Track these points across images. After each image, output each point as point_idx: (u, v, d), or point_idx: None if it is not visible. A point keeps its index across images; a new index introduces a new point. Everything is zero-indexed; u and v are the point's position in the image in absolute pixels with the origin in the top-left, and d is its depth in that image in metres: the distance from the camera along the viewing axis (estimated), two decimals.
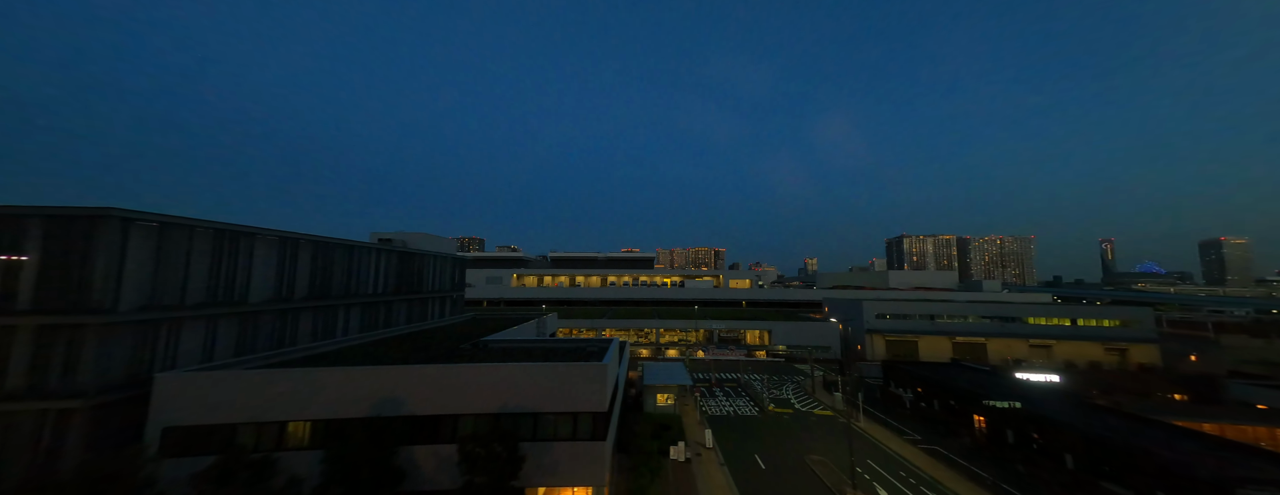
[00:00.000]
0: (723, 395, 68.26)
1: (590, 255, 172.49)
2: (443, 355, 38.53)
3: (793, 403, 64.26)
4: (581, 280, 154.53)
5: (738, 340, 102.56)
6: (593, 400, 31.99)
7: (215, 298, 30.36)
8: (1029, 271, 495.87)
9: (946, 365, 67.74)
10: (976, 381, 55.96)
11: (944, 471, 42.25)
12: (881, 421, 57.18)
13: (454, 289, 69.17)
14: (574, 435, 31.64)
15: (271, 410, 26.98)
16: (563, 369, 31.86)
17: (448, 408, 29.81)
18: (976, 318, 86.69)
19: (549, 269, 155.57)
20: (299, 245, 38.17)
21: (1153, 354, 76.63)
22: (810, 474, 41.66)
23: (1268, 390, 55.10)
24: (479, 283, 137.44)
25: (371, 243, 49.57)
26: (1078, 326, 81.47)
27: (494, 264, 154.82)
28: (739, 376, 77.86)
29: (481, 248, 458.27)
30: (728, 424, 55.84)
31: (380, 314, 50.50)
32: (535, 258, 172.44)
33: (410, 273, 57.26)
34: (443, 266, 65.44)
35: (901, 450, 47.66)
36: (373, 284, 49.12)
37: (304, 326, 38.96)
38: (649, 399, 58.58)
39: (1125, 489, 31.99)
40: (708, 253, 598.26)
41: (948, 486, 38.74)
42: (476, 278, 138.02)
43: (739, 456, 45.77)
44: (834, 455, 45.37)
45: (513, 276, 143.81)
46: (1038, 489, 37.78)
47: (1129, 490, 31.76)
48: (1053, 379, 61.33)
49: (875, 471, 42.29)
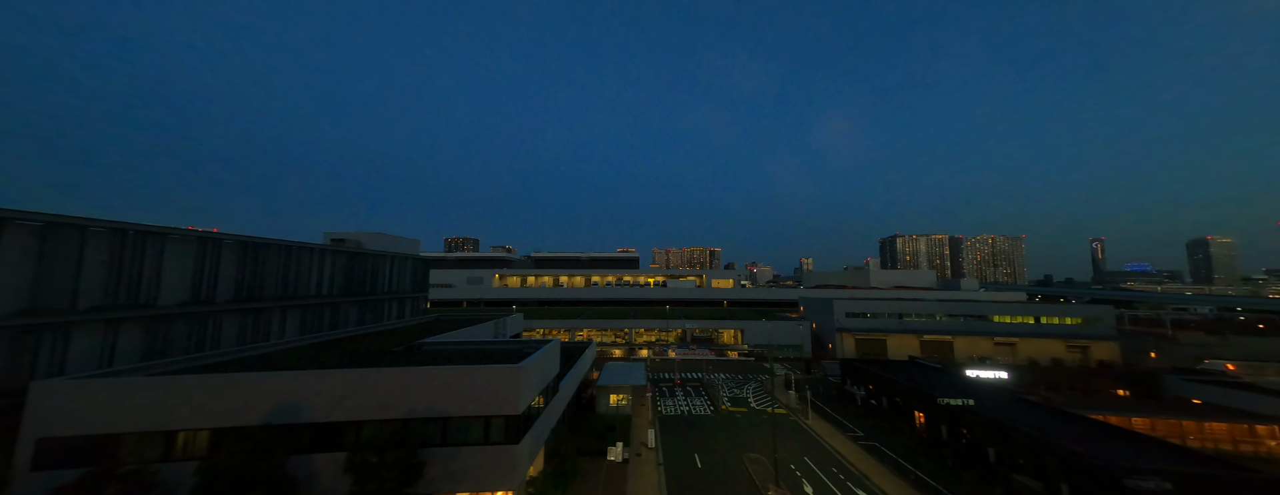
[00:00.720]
0: (683, 395, 67.35)
1: (573, 255, 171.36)
2: (370, 359, 37.52)
3: (749, 401, 63.49)
4: (565, 280, 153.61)
5: (711, 340, 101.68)
6: (506, 404, 30.97)
7: (115, 301, 29.33)
8: (1020, 271, 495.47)
9: (901, 363, 67.44)
10: (927, 379, 55.54)
11: (875, 467, 42.48)
12: (831, 419, 56.88)
13: (415, 290, 68.19)
14: (486, 440, 30.60)
15: (158, 419, 25.87)
16: (474, 372, 30.81)
17: (351, 413, 28.72)
18: (943, 316, 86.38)
19: (532, 269, 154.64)
20: (222, 246, 37.13)
21: (1113, 351, 76.88)
22: (743, 472, 41.29)
23: (1202, 385, 55.60)
24: (460, 283, 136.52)
25: (314, 243, 48.44)
26: (1041, 324, 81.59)
27: (476, 264, 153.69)
28: (704, 376, 76.98)
29: (475, 248, 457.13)
30: (678, 423, 55.18)
31: (324, 316, 49.48)
32: (519, 258, 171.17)
33: (362, 274, 56.25)
34: (401, 267, 64.44)
35: (841, 447, 47.51)
36: (316, 285, 48.10)
37: (229, 330, 37.94)
38: (602, 399, 57.74)
39: (1033, 481, 33.24)
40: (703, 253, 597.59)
41: (874, 481, 39.21)
42: (458, 278, 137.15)
43: (679, 456, 45.33)
44: (772, 453, 44.52)
45: (495, 277, 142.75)
46: (960, 482, 38.45)
47: (1036, 482, 32.99)
48: (1001, 376, 61.46)
49: (808, 468, 42.38)
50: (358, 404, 28.87)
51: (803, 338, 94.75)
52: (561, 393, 47.05)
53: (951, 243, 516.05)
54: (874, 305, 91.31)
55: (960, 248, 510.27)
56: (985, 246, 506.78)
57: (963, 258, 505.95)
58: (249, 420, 26.60)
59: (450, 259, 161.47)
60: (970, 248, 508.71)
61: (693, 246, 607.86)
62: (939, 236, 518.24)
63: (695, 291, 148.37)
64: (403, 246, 68.17)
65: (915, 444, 47.50)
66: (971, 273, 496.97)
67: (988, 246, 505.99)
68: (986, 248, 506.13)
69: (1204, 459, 31.44)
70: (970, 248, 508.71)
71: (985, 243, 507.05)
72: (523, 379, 31.64)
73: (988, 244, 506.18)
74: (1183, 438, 46.46)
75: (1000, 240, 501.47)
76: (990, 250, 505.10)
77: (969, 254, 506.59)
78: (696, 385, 71.90)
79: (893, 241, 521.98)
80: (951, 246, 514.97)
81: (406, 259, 65.51)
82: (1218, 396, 52.62)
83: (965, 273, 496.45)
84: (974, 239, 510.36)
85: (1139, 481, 26.45)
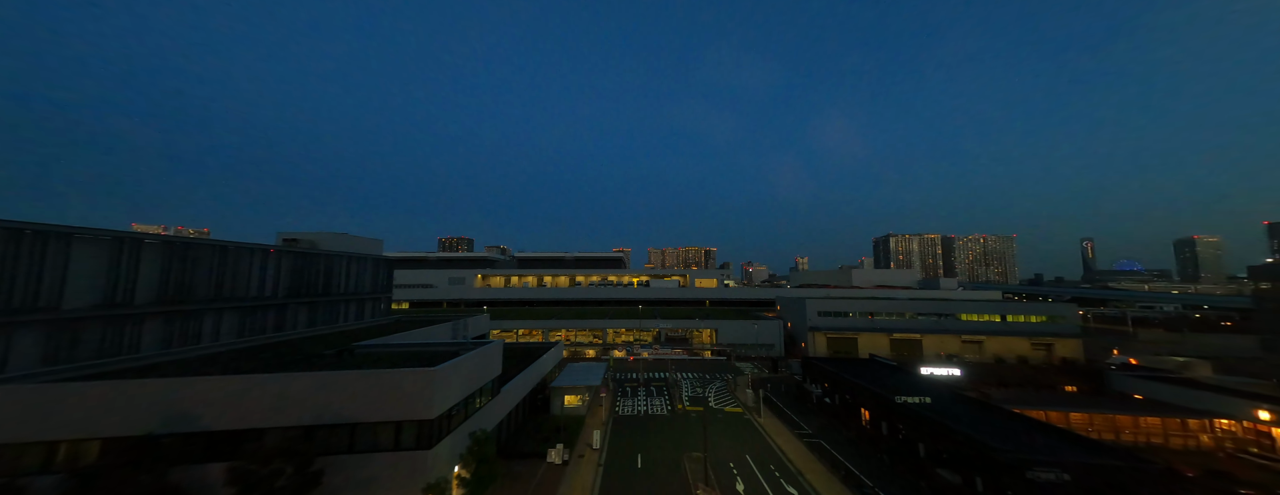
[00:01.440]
0: (645, 394, 66.26)
1: (558, 255, 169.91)
2: (298, 362, 36.35)
3: (709, 401, 62.60)
4: (549, 281, 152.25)
5: (686, 339, 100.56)
6: (419, 408, 29.86)
7: (8, 304, 28.13)
8: (1011, 270, 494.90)
9: (860, 361, 67.09)
10: (882, 377, 55.02)
11: (813, 464, 42.45)
12: (784, 416, 56.45)
13: (376, 290, 66.91)
14: (397, 446, 29.51)
15: (33, 428, 24.72)
16: (384, 376, 29.67)
17: (252, 421, 27.55)
18: (913, 315, 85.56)
19: (516, 269, 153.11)
20: (141, 247, 35.89)
21: (1076, 348, 76.79)
22: (680, 471, 40.69)
23: (1144, 381, 56.23)
24: (442, 284, 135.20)
25: (256, 243, 47.20)
26: (1007, 322, 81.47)
27: (458, 264, 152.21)
28: (669, 375, 75.94)
29: (470, 248, 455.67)
30: (632, 423, 54.35)
31: (267, 319, 48.23)
32: (503, 258, 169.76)
33: (313, 275, 54.98)
34: (360, 268, 63.18)
35: (785, 444, 47.19)
36: (257, 287, 46.85)
37: (152, 334, 36.70)
38: (556, 400, 56.60)
39: (953, 474, 34.35)
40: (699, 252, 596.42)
41: (807, 478, 39.22)
42: (440, 279, 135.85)
43: (622, 456, 44.62)
44: (714, 451, 44.68)
45: (478, 277, 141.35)
46: (892, 477, 39.21)
47: (956, 475, 34.10)
48: (954, 373, 61.37)
49: (747, 465, 42.20)
50: (259, 411, 27.70)
51: (775, 337, 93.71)
52: (506, 395, 46.00)
53: (944, 242, 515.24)
54: (845, 304, 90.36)
55: (952, 247, 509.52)
56: (977, 246, 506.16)
57: (955, 257, 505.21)
58: (137, 429, 25.37)
59: (432, 259, 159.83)
60: (962, 247, 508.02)
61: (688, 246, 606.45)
62: (932, 236, 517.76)
63: (678, 291, 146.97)
64: (363, 247, 66.88)
65: (859, 440, 47.70)
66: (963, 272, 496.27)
67: (979, 246, 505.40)
68: (978, 247, 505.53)
69: (1105, 450, 32.38)
70: (962, 247, 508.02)
71: (977, 242, 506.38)
72: (437, 383, 30.50)
73: (979, 243, 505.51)
74: (1117, 432, 47.14)
75: (991, 239, 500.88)
76: (982, 249, 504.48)
77: (961, 253, 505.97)
78: (661, 385, 70.78)
79: (886, 241, 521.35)
80: (944, 246, 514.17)
81: (366, 259, 64.25)
82: (1157, 392, 53.31)
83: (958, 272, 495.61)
84: (966, 238, 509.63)
85: (1039, 473, 27.85)
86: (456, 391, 33.36)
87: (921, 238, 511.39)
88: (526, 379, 53.25)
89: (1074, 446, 32.77)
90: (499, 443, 45.39)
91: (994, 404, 45.22)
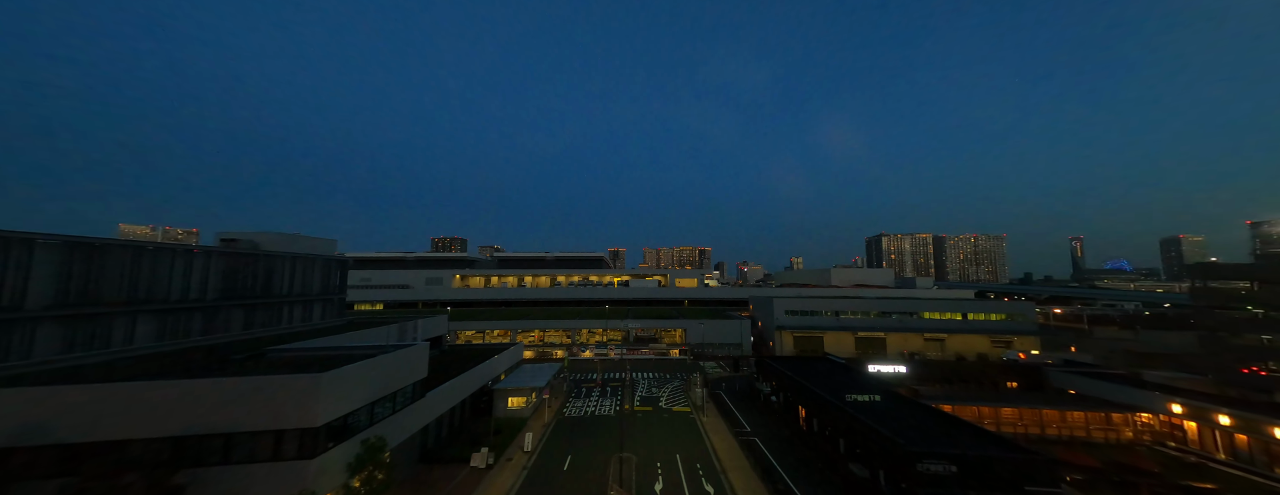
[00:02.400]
0: (599, 395, 64.66)
1: (538, 255, 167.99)
2: (204, 369, 34.64)
3: (660, 401, 61.12)
4: (530, 281, 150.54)
5: (655, 339, 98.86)
6: (303, 416, 28.09)
7: None
8: (1002, 269, 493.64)
9: (812, 359, 66.52)
10: (829, 375, 54.39)
11: (739, 461, 42.02)
12: (729, 415, 55.63)
13: (328, 292, 64.99)
14: (277, 456, 27.75)
15: None
16: (263, 383, 27.87)
17: (114, 432, 25.78)
18: (877, 314, 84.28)
19: (495, 269, 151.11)
20: (34, 247, 34.10)
21: (1034, 345, 76.36)
22: (602, 473, 39.76)
23: (1078, 377, 57.28)
24: (418, 284, 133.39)
25: (179, 244, 45.44)
26: (968, 321, 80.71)
27: (436, 265, 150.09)
28: (626, 375, 74.42)
29: (464, 248, 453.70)
30: (576, 424, 53.12)
31: (194, 322, 46.36)
32: (482, 258, 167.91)
33: (250, 276, 53.14)
34: (307, 269, 61.30)
35: (719, 443, 46.65)
36: (181, 289, 45.03)
37: (48, 338, 34.82)
38: (499, 403, 54.92)
39: (862, 468, 35.23)
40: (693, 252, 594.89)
41: (729, 476, 38.97)
42: (416, 279, 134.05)
43: (553, 458, 43.47)
44: (646, 451, 44.21)
45: (455, 277, 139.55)
46: (813, 473, 39.62)
47: (865, 470, 34.95)
48: (900, 370, 61.39)
49: (673, 464, 41.61)
50: (121, 421, 25.92)
51: (742, 336, 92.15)
52: (434, 399, 44.23)
53: (935, 242, 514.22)
54: (812, 303, 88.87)
55: (944, 247, 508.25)
56: (968, 245, 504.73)
57: (946, 256, 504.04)
58: None
59: (410, 259, 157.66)
60: (953, 246, 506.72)
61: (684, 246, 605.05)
62: (923, 236, 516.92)
63: (657, 291, 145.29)
64: (313, 247, 65.05)
65: (794, 438, 47.58)
66: (955, 271, 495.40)
67: (970, 245, 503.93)
68: (969, 246, 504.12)
69: (999, 443, 33.21)
70: (953, 246, 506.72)
71: (968, 241, 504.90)
72: (324, 390, 28.71)
73: (970, 243, 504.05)
74: (1043, 426, 48.24)
75: (982, 239, 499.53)
76: (973, 249, 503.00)
77: (952, 253, 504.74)
78: (618, 385, 69.17)
79: (879, 241, 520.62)
80: (935, 245, 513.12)
81: (315, 260, 62.38)
82: (1087, 387, 54.68)
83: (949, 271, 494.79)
84: (957, 238, 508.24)
85: (929, 465, 28.89)
86: (354, 398, 31.59)
87: (913, 237, 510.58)
88: (465, 382, 51.52)
89: (978, 440, 33.49)
90: (424, 448, 43.80)
91: (920, 401, 45.20)
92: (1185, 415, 45.05)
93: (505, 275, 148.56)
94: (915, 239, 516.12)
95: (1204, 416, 43.79)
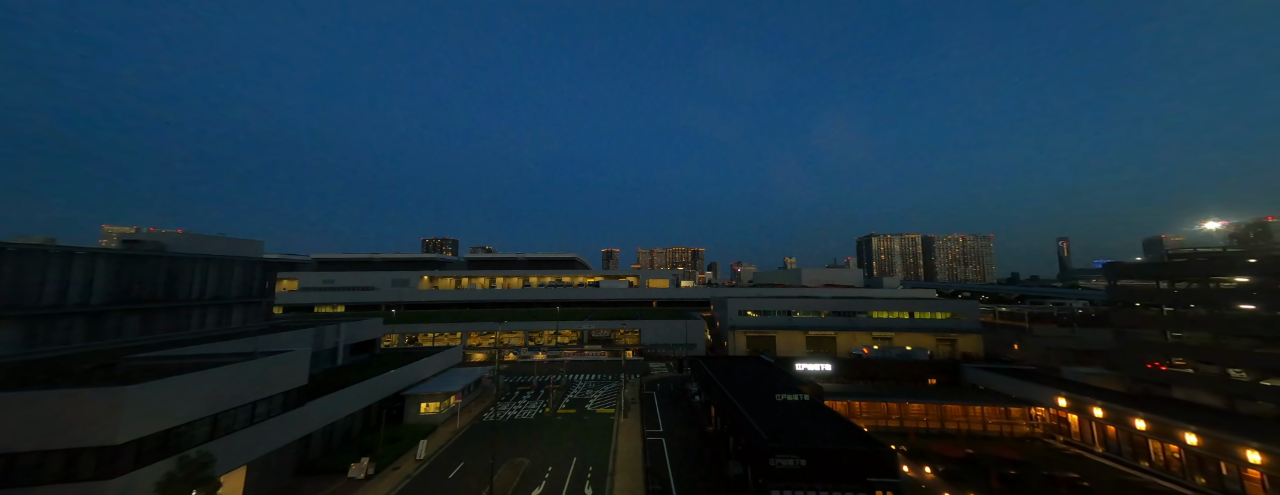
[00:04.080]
0: (530, 398, 61.92)
1: (510, 256, 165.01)
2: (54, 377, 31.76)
3: (588, 403, 58.70)
4: (501, 282, 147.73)
5: (611, 340, 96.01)
6: (100, 433, 25.22)
7: None
8: (989, 269, 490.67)
9: (741, 359, 64.80)
10: (756, 374, 52.62)
11: (633, 463, 40.90)
12: (648, 417, 54.01)
13: (249, 295, 62.13)
14: (68, 477, 24.91)
15: None
16: (48, 398, 25.07)
17: None
18: (828, 313, 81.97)
19: (466, 270, 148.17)
20: None
21: (977, 343, 75.24)
22: (486, 479, 37.46)
23: (988, 373, 57.97)
24: (384, 286, 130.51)
25: (54, 245, 42.64)
26: (914, 319, 78.83)
27: (404, 266, 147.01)
28: (563, 377, 71.91)
29: (455, 250, 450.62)
30: (489, 430, 50.48)
31: (72, 328, 43.53)
32: (452, 259, 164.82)
33: (149, 279, 50.28)
34: (223, 271, 58.45)
35: (625, 444, 45.46)
36: (56, 293, 42.23)
37: None
38: (412, 409, 52.00)
39: (737, 465, 35.60)
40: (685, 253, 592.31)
41: (616, 479, 38.06)
42: (382, 281, 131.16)
43: (444, 466, 41.09)
44: (547, 455, 42.61)
45: (423, 279, 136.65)
46: (699, 472, 39.12)
47: (739, 466, 35.32)
48: (826, 368, 60.95)
49: (566, 466, 40.41)
50: None
51: (696, 337, 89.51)
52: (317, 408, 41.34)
53: (924, 242, 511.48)
54: (764, 303, 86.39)
55: (932, 247, 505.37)
56: (956, 245, 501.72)
57: (935, 257, 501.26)
58: None
59: (377, 260, 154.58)
60: (942, 247, 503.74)
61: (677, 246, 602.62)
62: (912, 236, 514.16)
63: (628, 292, 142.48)
64: (233, 248, 62.14)
65: (702, 437, 46.54)
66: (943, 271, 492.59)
67: (958, 245, 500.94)
68: (957, 247, 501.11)
69: (856, 438, 33.46)
70: (942, 247, 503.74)
71: (956, 242, 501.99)
72: (130, 403, 25.87)
73: (958, 243, 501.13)
74: (944, 420, 49.06)
75: (970, 239, 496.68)
76: (961, 249, 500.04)
77: (941, 253, 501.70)
78: (555, 387, 66.43)
79: (868, 241, 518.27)
80: (924, 246, 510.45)
81: (233, 262, 59.53)
82: (994, 382, 55.94)
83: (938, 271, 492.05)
84: (945, 238, 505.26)
85: (780, 460, 29.49)
86: (181, 412, 28.72)
87: (903, 237, 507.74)
88: (368, 388, 48.67)
89: (840, 434, 34.06)
90: (305, 459, 40.91)
91: (817, 400, 44.43)
92: (1068, 409, 46.16)
93: (476, 276, 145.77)
94: (905, 239, 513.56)
95: (1083, 410, 44.81)
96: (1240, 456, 33.61)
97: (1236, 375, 41.39)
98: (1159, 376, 46.10)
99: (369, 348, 68.38)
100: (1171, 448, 38.21)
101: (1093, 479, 36.80)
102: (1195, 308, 45.52)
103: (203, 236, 60.44)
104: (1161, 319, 47.46)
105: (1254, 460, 32.89)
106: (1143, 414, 40.02)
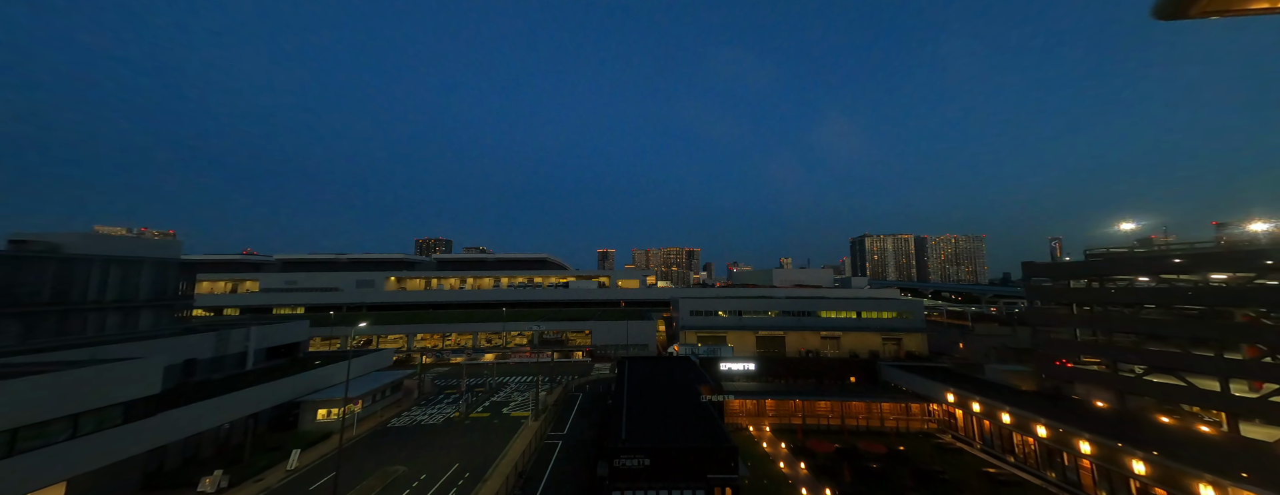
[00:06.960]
0: (449, 401, 59.15)
1: (481, 257, 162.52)
2: None
3: (506, 407, 56.09)
4: (471, 283, 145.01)
5: (562, 341, 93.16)
6: None
7: None
8: (981, 269, 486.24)
9: (668, 359, 63.26)
10: (671, 373, 51.00)
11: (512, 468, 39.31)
12: (562, 418, 52.47)
13: (160, 298, 59.35)
14: None
15: None
16: None
17: None
18: (778, 313, 79.33)
19: (434, 271, 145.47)
20: None
21: (922, 342, 74.50)
22: None
23: (901, 371, 58.50)
24: (349, 287, 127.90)
25: None
26: (862, 319, 77.09)
27: (369, 266, 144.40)
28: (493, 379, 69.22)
29: (448, 249, 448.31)
30: (389, 435, 47.80)
31: None
32: (422, 259, 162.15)
33: (35, 282, 47.62)
34: (129, 273, 55.65)
35: (518, 447, 44.01)
36: None
37: None
38: (307, 415, 49.08)
39: (604, 466, 34.95)
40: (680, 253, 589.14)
41: (488, 485, 36.68)
42: (346, 281, 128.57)
43: (319, 476, 38.38)
44: (434, 461, 40.56)
45: (389, 280, 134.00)
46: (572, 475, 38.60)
47: (605, 466, 34.71)
48: (749, 367, 60.32)
49: (443, 472, 38.78)
50: None
51: (647, 337, 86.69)
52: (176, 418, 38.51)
53: (917, 242, 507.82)
54: (715, 303, 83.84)
55: (925, 247, 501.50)
56: (949, 246, 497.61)
57: (928, 257, 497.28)
58: None
59: (342, 260, 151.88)
60: (934, 247, 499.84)
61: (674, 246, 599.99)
62: (905, 236, 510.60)
63: (597, 292, 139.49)
64: (143, 248, 59.35)
65: (600, 440, 44.53)
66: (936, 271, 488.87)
67: (951, 246, 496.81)
68: (950, 247, 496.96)
69: (710, 437, 32.87)
70: (934, 247, 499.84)
71: (949, 242, 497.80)
72: None
73: (951, 243, 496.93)
74: (845, 416, 49.54)
75: (962, 239, 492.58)
76: (953, 249, 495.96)
77: (933, 253, 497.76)
78: (482, 390, 63.76)
79: (862, 241, 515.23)
80: (917, 246, 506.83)
81: (140, 263, 56.80)
82: (903, 380, 56.56)
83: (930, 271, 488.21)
84: (938, 238, 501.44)
85: (624, 460, 29.67)
86: None
87: (896, 238, 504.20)
88: (250, 395, 45.72)
89: (699, 434, 33.43)
90: (155, 472, 38.01)
91: (706, 400, 43.07)
92: (954, 405, 46.69)
93: (446, 277, 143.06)
94: (898, 239, 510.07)
95: (965, 405, 45.37)
96: (1075, 447, 34.38)
97: (1124, 372, 41.89)
98: (1065, 373, 46.22)
99: (291, 352, 65.58)
100: (1029, 441, 38.96)
101: (962, 471, 37.65)
102: (1092, 307, 45.89)
103: (111, 237, 57.96)
104: (1070, 317, 47.38)
105: (1085, 450, 33.58)
106: (1008, 409, 40.57)
